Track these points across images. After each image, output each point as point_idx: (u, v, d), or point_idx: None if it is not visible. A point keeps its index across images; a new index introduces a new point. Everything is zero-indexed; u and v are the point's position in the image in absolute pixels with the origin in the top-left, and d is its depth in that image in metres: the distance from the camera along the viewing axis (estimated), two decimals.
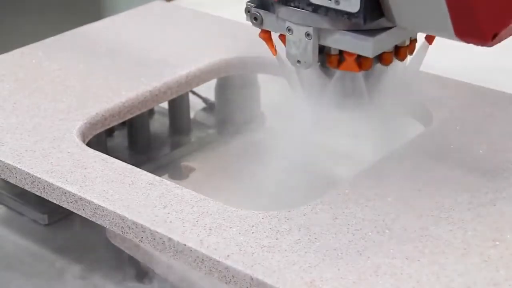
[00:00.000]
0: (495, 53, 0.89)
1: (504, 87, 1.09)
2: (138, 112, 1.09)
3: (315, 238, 0.79)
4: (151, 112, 1.23)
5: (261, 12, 0.90)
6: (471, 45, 0.79)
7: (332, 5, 0.84)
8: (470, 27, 0.78)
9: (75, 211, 0.88)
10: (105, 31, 1.29)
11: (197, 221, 0.82)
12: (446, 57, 1.31)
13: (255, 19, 0.91)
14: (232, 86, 1.26)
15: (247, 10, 0.91)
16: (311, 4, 0.85)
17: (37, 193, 0.91)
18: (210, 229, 0.81)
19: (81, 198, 0.86)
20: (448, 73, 1.13)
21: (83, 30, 1.28)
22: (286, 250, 0.78)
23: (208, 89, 1.26)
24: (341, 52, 0.89)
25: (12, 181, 0.93)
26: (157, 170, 1.12)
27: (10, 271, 1.04)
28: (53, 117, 1.02)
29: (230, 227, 0.81)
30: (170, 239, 0.80)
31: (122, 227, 0.84)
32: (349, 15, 0.83)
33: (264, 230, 0.81)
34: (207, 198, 0.86)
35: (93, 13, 1.98)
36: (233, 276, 0.76)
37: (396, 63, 0.92)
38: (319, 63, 0.91)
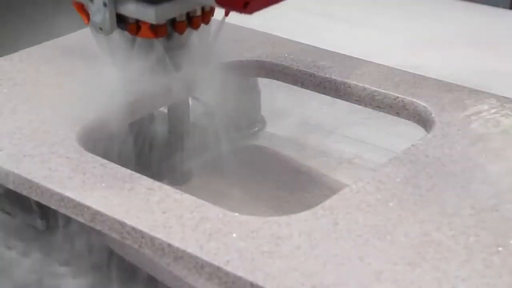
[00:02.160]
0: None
1: (504, 92, 1.09)
2: (137, 117, 1.08)
3: (316, 244, 0.79)
4: (151, 117, 1.22)
5: None
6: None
7: None
8: None
9: (74, 216, 0.87)
10: None
11: (197, 227, 0.81)
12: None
13: None
14: (233, 90, 1.26)
15: None
16: None
17: (35, 199, 0.90)
18: (210, 235, 0.80)
19: (80, 204, 0.86)
20: (448, 77, 1.13)
21: (83, 33, 1.27)
22: (286, 256, 0.77)
23: (208, 93, 1.25)
24: (138, 21, 1.00)
25: (10, 186, 0.92)
26: (156, 175, 1.11)
27: (7, 277, 1.03)
28: (52, 121, 1.01)
29: (230, 233, 0.80)
30: (169, 244, 0.79)
31: (121, 233, 0.83)
32: None
33: (265, 236, 0.80)
34: (207, 203, 0.85)
35: None
36: (233, 282, 0.75)
37: (194, 31, 1.05)
38: (125, 31, 1.01)
